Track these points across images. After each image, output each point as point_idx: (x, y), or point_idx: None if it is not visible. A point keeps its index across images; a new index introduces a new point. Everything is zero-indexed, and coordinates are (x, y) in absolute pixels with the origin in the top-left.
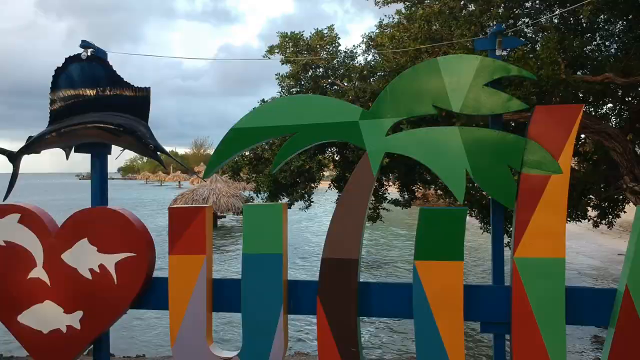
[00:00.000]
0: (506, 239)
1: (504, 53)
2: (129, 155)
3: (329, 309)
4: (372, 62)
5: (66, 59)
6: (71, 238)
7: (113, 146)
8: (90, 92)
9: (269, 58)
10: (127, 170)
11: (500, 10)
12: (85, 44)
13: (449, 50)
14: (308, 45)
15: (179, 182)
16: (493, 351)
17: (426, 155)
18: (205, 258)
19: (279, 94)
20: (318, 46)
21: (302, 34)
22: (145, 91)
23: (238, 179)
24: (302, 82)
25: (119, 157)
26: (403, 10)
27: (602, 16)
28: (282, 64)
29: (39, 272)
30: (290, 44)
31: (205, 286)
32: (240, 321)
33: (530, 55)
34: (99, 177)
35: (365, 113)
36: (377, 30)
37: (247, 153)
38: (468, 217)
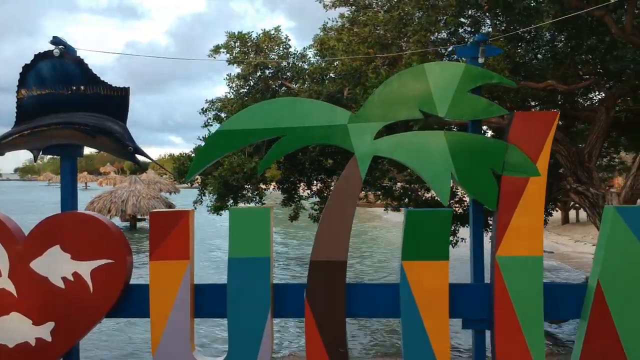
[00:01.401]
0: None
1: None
2: (28, 155)
3: (317, 311)
4: (322, 64)
5: (36, 55)
6: (41, 245)
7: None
8: (63, 91)
9: (214, 58)
10: (26, 171)
11: (449, 18)
12: (56, 40)
13: (400, 56)
14: (257, 46)
15: (86, 183)
16: (473, 347)
17: (413, 159)
18: (189, 263)
19: (227, 94)
20: (266, 47)
21: (251, 34)
22: (124, 91)
23: (183, 181)
24: (252, 83)
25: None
26: (346, 14)
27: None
28: (229, 64)
29: (3, 282)
30: (238, 44)
31: (189, 292)
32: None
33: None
34: (69, 180)
35: (353, 117)
36: (322, 33)
37: (193, 154)
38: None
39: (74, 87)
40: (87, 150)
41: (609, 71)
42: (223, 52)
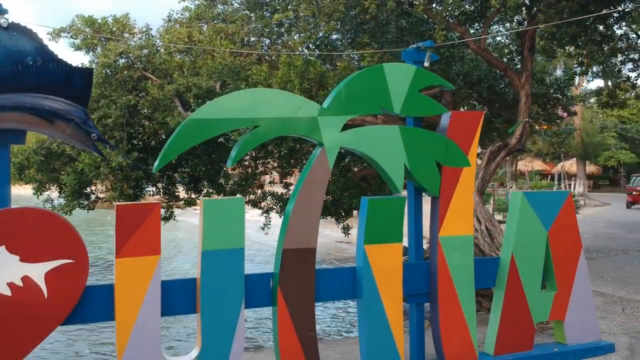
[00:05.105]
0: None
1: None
2: None
3: (289, 298)
4: (195, 57)
5: None
6: None
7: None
8: (10, 68)
9: (56, 42)
10: None
11: (332, 23)
12: (0, 9)
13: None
14: (111, 32)
15: None
16: (411, 319)
17: (374, 151)
18: (160, 259)
19: None
20: (120, 34)
21: (106, 20)
22: (86, 72)
23: (23, 178)
24: (110, 72)
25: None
26: (191, 7)
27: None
28: (75, 49)
29: None
30: (88, 29)
31: (160, 290)
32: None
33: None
34: (5, 171)
35: (322, 110)
36: (167, 24)
37: (37, 149)
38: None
39: (25, 64)
40: None
41: None
42: (65, 35)
